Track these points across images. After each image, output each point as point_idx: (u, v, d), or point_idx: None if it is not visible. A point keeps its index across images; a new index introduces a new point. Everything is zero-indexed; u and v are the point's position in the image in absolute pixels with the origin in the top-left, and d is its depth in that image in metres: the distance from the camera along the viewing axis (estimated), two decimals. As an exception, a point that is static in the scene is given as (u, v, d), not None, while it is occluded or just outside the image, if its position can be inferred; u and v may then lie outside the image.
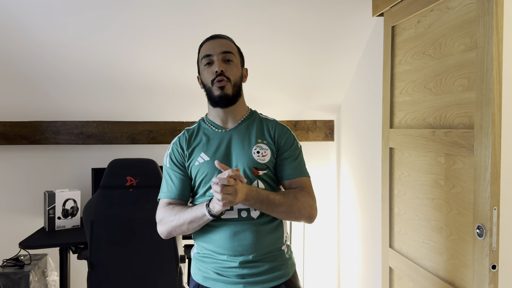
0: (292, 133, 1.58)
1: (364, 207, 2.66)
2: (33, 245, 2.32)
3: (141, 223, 2.17)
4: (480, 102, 1.51)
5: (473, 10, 1.57)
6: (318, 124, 3.16)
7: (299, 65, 2.65)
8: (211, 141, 1.52)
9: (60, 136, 2.82)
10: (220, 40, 1.54)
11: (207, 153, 1.49)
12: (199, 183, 1.49)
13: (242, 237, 1.41)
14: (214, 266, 1.44)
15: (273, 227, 1.47)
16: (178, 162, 1.53)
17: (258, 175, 1.46)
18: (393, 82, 2.15)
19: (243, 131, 1.53)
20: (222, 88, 1.47)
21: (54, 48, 2.34)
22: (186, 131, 1.58)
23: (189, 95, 2.73)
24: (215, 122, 1.56)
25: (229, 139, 1.51)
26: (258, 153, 1.48)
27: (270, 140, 1.52)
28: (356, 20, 2.38)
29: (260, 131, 1.54)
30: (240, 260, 1.40)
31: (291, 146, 1.53)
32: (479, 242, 1.51)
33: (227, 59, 1.50)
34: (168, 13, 2.20)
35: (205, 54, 1.51)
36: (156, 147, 2.99)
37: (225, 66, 1.48)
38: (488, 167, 1.47)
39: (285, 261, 1.49)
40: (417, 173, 1.94)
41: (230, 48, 1.52)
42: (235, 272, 1.41)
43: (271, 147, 1.50)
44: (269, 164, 1.48)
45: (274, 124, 1.57)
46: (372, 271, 2.56)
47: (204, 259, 1.48)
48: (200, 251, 1.50)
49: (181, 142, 1.55)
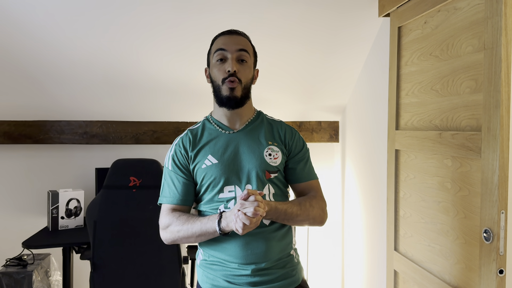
0: (300, 135, 1.56)
1: (369, 210, 2.64)
2: (36, 245, 2.32)
3: (144, 224, 2.16)
4: (488, 104, 1.49)
5: (481, 11, 1.54)
6: (323, 125, 3.14)
7: (304, 65, 2.63)
8: (218, 142, 1.45)
9: (64, 135, 2.82)
10: (237, 37, 1.46)
11: (214, 156, 1.43)
12: (206, 187, 1.42)
13: (254, 245, 1.37)
14: (224, 273, 1.39)
15: (283, 233, 1.43)
16: (181, 164, 1.45)
17: (270, 178, 1.43)
18: (399, 83, 2.13)
19: (251, 133, 1.47)
20: (232, 89, 1.40)
21: (58, 47, 2.33)
22: (189, 131, 1.50)
23: (193, 95, 2.72)
24: (221, 122, 1.49)
25: (237, 141, 1.45)
26: (270, 156, 1.44)
27: (280, 142, 1.48)
28: (362, 20, 2.36)
29: (269, 132, 1.49)
30: (252, 268, 1.36)
31: (301, 149, 1.51)
32: (486, 246, 1.49)
33: (242, 59, 1.43)
34: (172, 13, 2.19)
35: (219, 48, 1.43)
36: (160, 147, 2.98)
37: (238, 67, 1.42)
38: (495, 170, 1.44)
39: (295, 266, 1.46)
40: (423, 176, 1.92)
41: (246, 47, 1.45)
42: (246, 280, 1.37)
43: (282, 149, 1.47)
44: (280, 167, 1.45)
45: (283, 126, 1.53)
46: (377, 274, 2.54)
47: (213, 266, 1.42)
48: (208, 258, 1.44)
49: (184, 143, 1.47)
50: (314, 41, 2.46)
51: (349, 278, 2.99)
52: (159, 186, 1.81)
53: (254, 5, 2.20)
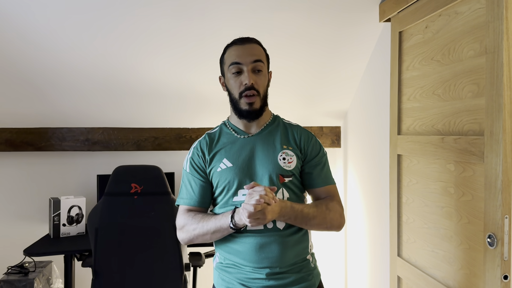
0: (317, 139, 1.54)
1: (372, 215, 2.63)
2: (38, 252, 2.31)
3: (145, 231, 2.15)
4: (490, 108, 1.48)
5: (482, 15, 1.54)
6: (325, 130, 3.14)
7: (306, 71, 2.63)
8: (234, 146, 1.46)
9: (65, 142, 2.82)
10: (250, 46, 1.45)
11: (229, 159, 1.43)
12: (221, 190, 1.44)
13: (268, 249, 1.36)
14: (239, 276, 1.39)
15: (299, 237, 1.42)
16: (198, 167, 1.48)
17: (284, 183, 1.42)
18: (401, 88, 2.12)
19: (267, 137, 1.47)
20: (251, 104, 1.41)
21: (59, 55, 2.34)
22: (207, 135, 1.52)
23: (195, 101, 2.71)
24: (238, 127, 1.50)
25: (253, 145, 1.46)
26: (284, 160, 1.43)
27: (295, 146, 1.47)
28: (363, 25, 2.36)
29: (285, 137, 1.49)
30: (267, 272, 1.36)
31: (318, 153, 1.49)
32: (490, 252, 1.47)
33: (257, 69, 1.43)
34: (173, 19, 2.19)
35: (234, 61, 1.42)
36: (161, 154, 2.98)
37: (255, 78, 1.41)
38: (499, 174, 1.43)
39: (311, 271, 1.45)
40: (426, 181, 1.90)
41: (260, 56, 1.44)
42: (261, 283, 1.36)
43: (297, 154, 1.46)
44: (294, 171, 1.44)
45: (299, 130, 1.52)
46: (380, 280, 2.52)
47: (228, 269, 1.43)
48: (223, 261, 1.45)
49: (202, 146, 1.49)
50: (315, 47, 2.46)
51: (352, 284, 2.97)
52: (160, 192, 1.80)
53: (254, 11, 2.20)
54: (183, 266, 2.22)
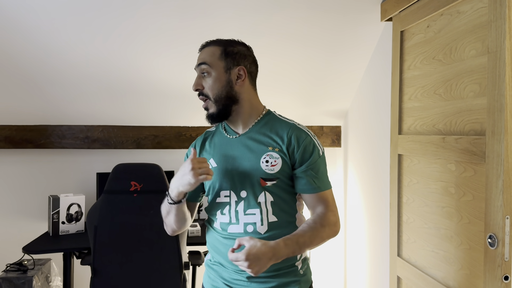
0: (313, 138, 1.41)
1: (372, 215, 2.62)
2: (37, 250, 2.31)
3: (144, 229, 2.15)
4: (492, 108, 1.47)
5: (485, 14, 1.53)
6: (325, 130, 3.13)
7: (306, 70, 2.63)
8: (222, 146, 1.43)
9: (65, 140, 2.81)
10: (203, 50, 1.41)
11: (215, 159, 1.42)
12: (208, 191, 1.44)
13: None
14: (224, 275, 1.40)
15: None
16: None
17: (265, 186, 1.36)
18: (402, 88, 2.12)
19: (254, 137, 1.41)
20: (205, 109, 1.40)
21: (59, 52, 2.33)
22: (205, 133, 1.53)
23: (195, 100, 2.68)
24: (230, 126, 1.47)
25: (238, 146, 1.41)
26: (267, 162, 1.36)
27: (284, 147, 1.38)
28: (364, 25, 2.35)
29: (272, 137, 1.40)
30: (247, 275, 1.34)
31: (310, 157, 1.37)
32: (490, 252, 1.47)
33: (202, 73, 1.39)
34: (174, 18, 2.19)
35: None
36: (161, 152, 2.97)
37: (200, 82, 1.39)
38: (500, 174, 1.43)
39: (298, 278, 1.40)
40: (427, 181, 1.90)
41: (206, 58, 1.38)
42: (242, 285, 1.36)
43: (283, 156, 1.37)
44: (279, 174, 1.36)
45: (291, 130, 1.40)
46: (379, 280, 2.51)
47: (214, 267, 1.45)
48: (212, 259, 1.47)
49: (197, 143, 1.51)
50: (316, 46, 2.45)
51: (351, 284, 2.96)
52: (160, 190, 1.79)
53: (255, 10, 2.19)
54: (182, 264, 2.21)
